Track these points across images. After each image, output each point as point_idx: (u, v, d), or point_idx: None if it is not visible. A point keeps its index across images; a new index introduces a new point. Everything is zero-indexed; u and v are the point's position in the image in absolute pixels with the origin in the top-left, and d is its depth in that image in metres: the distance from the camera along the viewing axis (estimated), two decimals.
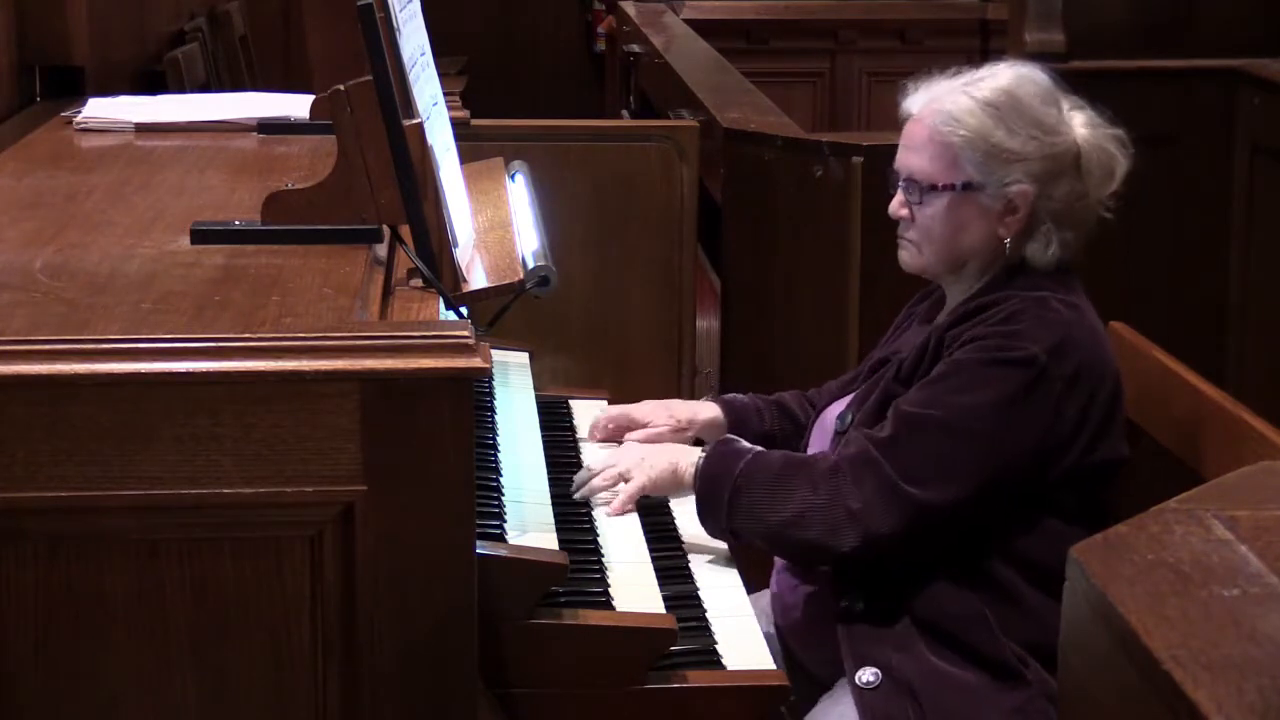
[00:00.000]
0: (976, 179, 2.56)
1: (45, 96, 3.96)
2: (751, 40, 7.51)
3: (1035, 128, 2.56)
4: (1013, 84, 2.59)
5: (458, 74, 8.45)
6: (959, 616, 2.50)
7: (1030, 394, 2.47)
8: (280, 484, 1.95)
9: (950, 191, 2.57)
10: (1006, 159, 2.54)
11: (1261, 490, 1.69)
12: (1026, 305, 2.53)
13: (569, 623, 2.28)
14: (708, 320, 4.28)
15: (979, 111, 2.56)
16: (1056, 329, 2.50)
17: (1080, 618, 1.48)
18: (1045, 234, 2.57)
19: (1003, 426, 2.47)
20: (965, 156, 2.56)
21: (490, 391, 2.97)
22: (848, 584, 2.57)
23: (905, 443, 2.49)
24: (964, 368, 2.50)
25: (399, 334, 1.98)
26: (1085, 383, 2.49)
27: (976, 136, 2.55)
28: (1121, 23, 5.35)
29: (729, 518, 2.57)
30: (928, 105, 2.61)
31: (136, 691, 1.99)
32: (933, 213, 2.59)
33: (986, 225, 2.58)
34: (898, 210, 2.64)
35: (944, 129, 2.57)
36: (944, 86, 2.62)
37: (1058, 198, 2.56)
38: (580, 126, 4.31)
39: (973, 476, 2.47)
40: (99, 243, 2.42)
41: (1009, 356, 2.48)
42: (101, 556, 1.96)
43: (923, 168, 2.59)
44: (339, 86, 2.35)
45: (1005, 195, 2.56)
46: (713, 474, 2.60)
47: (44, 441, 1.92)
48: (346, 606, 1.99)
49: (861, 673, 2.51)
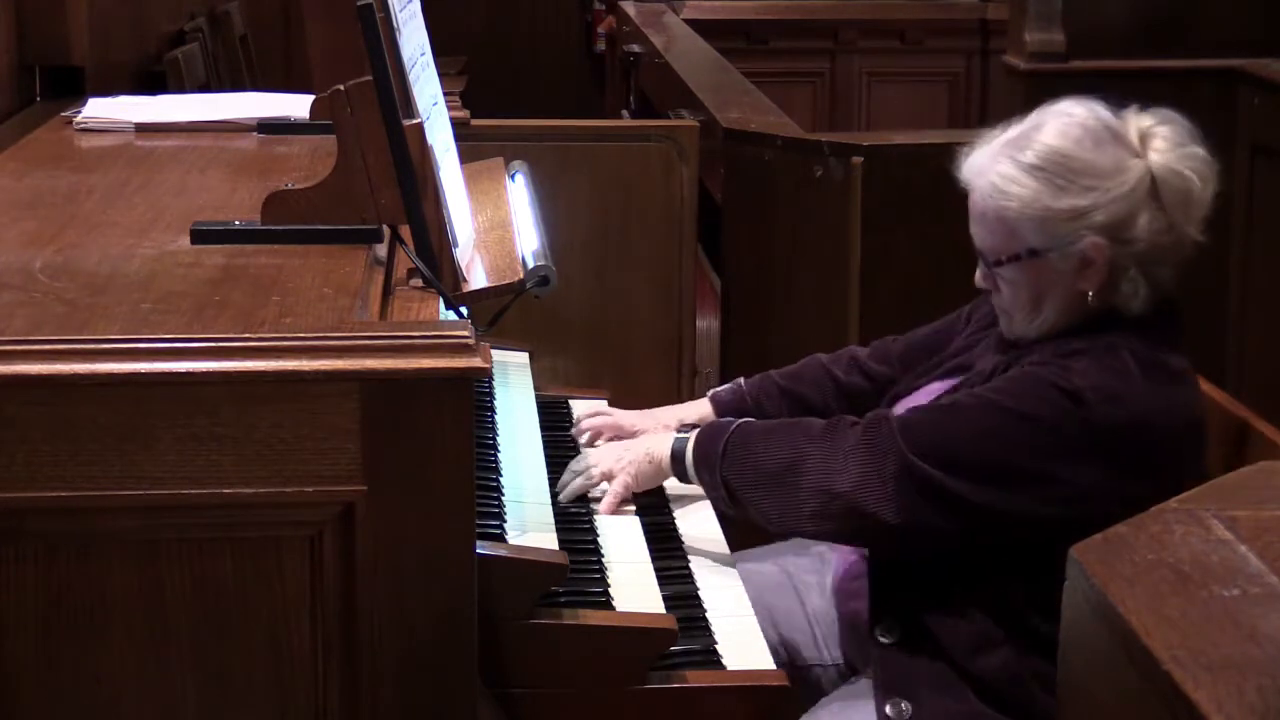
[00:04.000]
0: (1040, 245, 2.46)
1: (45, 96, 3.95)
2: (751, 40, 7.52)
3: (1091, 178, 2.44)
4: (1058, 137, 2.46)
5: (458, 74, 8.45)
6: (990, 666, 2.46)
7: (1061, 424, 2.38)
8: (280, 484, 1.95)
9: (1017, 262, 2.49)
10: (1066, 218, 2.44)
11: (1261, 490, 1.69)
12: (1095, 347, 2.44)
13: (569, 623, 2.28)
14: (708, 320, 4.28)
15: (1024, 179, 2.45)
16: (1115, 377, 2.41)
17: (1080, 618, 1.48)
18: (1132, 280, 2.47)
19: (1018, 438, 2.39)
20: (1022, 227, 2.46)
21: (490, 391, 2.97)
22: (884, 612, 2.53)
23: (920, 415, 2.48)
24: (1008, 378, 2.47)
25: (399, 334, 1.98)
26: (1135, 440, 2.38)
27: (1027, 206, 2.45)
28: (1121, 23, 5.35)
29: (723, 468, 2.55)
30: (977, 177, 2.51)
31: (136, 691, 1.99)
32: (1010, 280, 2.51)
33: (1066, 284, 2.48)
34: (980, 283, 2.58)
35: (997, 204, 2.47)
36: (988, 152, 2.51)
37: (1139, 238, 2.45)
38: (580, 126, 4.31)
39: (972, 469, 2.40)
40: (99, 243, 2.42)
41: (1055, 381, 2.41)
42: (101, 556, 1.96)
43: (986, 241, 2.51)
44: (339, 86, 2.35)
45: (1076, 253, 2.45)
46: (708, 433, 2.61)
47: (44, 441, 1.92)
48: (346, 606, 1.99)
49: (891, 705, 2.48)
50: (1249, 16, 5.34)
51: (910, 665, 2.50)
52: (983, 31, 7.56)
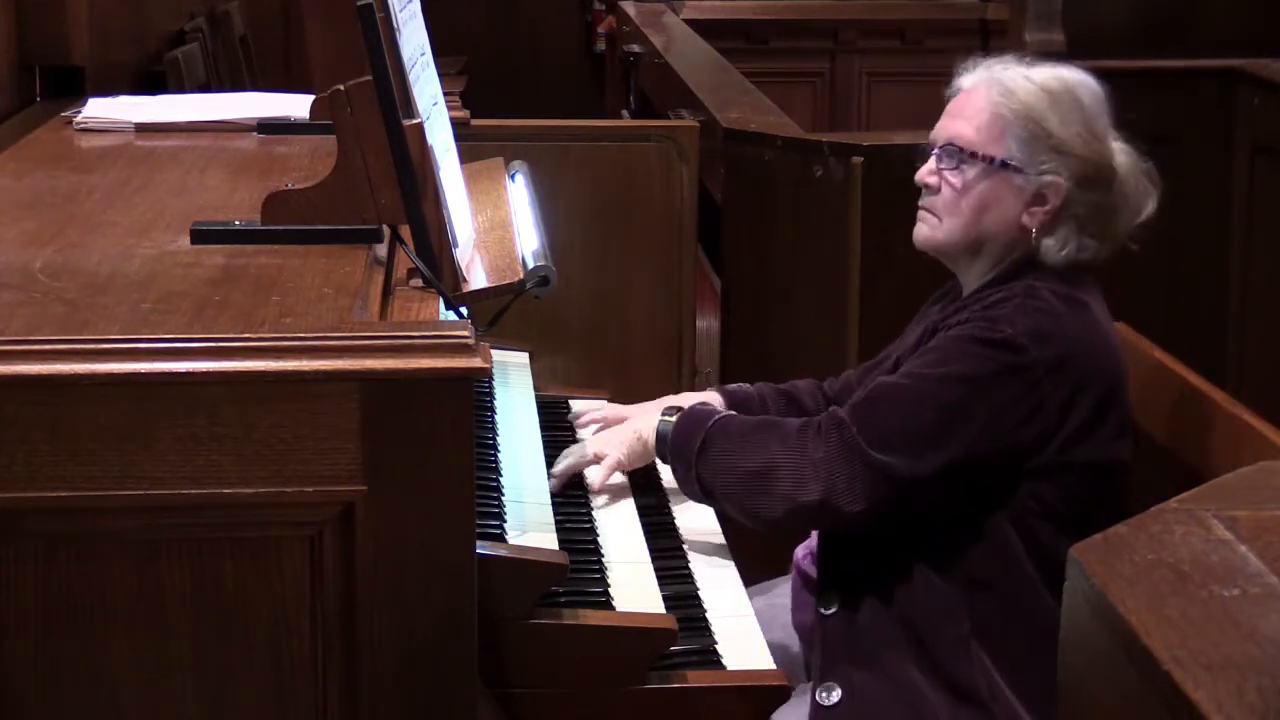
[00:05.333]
0: (1017, 158, 2.54)
1: (45, 96, 3.95)
2: (751, 40, 7.51)
3: (1084, 126, 2.55)
4: (1073, 79, 2.59)
5: (458, 74, 8.45)
6: (936, 635, 2.48)
7: (1006, 375, 2.45)
8: (280, 484, 1.95)
9: (988, 164, 2.55)
10: (1051, 145, 2.53)
11: (1261, 490, 1.69)
12: (1014, 293, 2.51)
13: (569, 623, 2.28)
14: (708, 320, 4.28)
15: (1036, 92, 2.55)
16: (1040, 316, 2.48)
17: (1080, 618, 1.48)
18: (1065, 235, 2.55)
19: (974, 402, 2.45)
20: (1012, 132, 2.54)
21: (490, 391, 2.97)
22: (830, 585, 2.56)
23: (874, 408, 2.49)
24: (942, 345, 2.50)
25: (399, 334, 1.98)
26: (1070, 372, 2.47)
27: (1028, 114, 2.54)
28: (1121, 23, 5.35)
29: (698, 466, 2.58)
30: (985, 77, 2.60)
31: (136, 691, 1.99)
32: (965, 182, 2.57)
33: (1013, 209, 2.56)
34: (926, 177, 2.61)
35: (998, 99, 2.56)
36: (1004, 64, 2.62)
37: (1087, 203, 2.54)
38: (580, 126, 4.31)
39: (938, 451, 2.44)
40: (99, 243, 2.42)
41: (988, 336, 2.47)
42: (101, 556, 1.96)
43: (966, 135, 2.57)
44: (339, 86, 2.35)
45: (1039, 183, 2.54)
46: (686, 427, 2.63)
47: (44, 441, 1.92)
48: (346, 606, 1.99)
49: (824, 689, 2.51)
50: (1249, 16, 5.34)
51: (850, 635, 2.52)
52: (983, 31, 7.55)
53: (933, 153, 2.61)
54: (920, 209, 2.63)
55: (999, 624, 2.48)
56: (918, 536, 2.51)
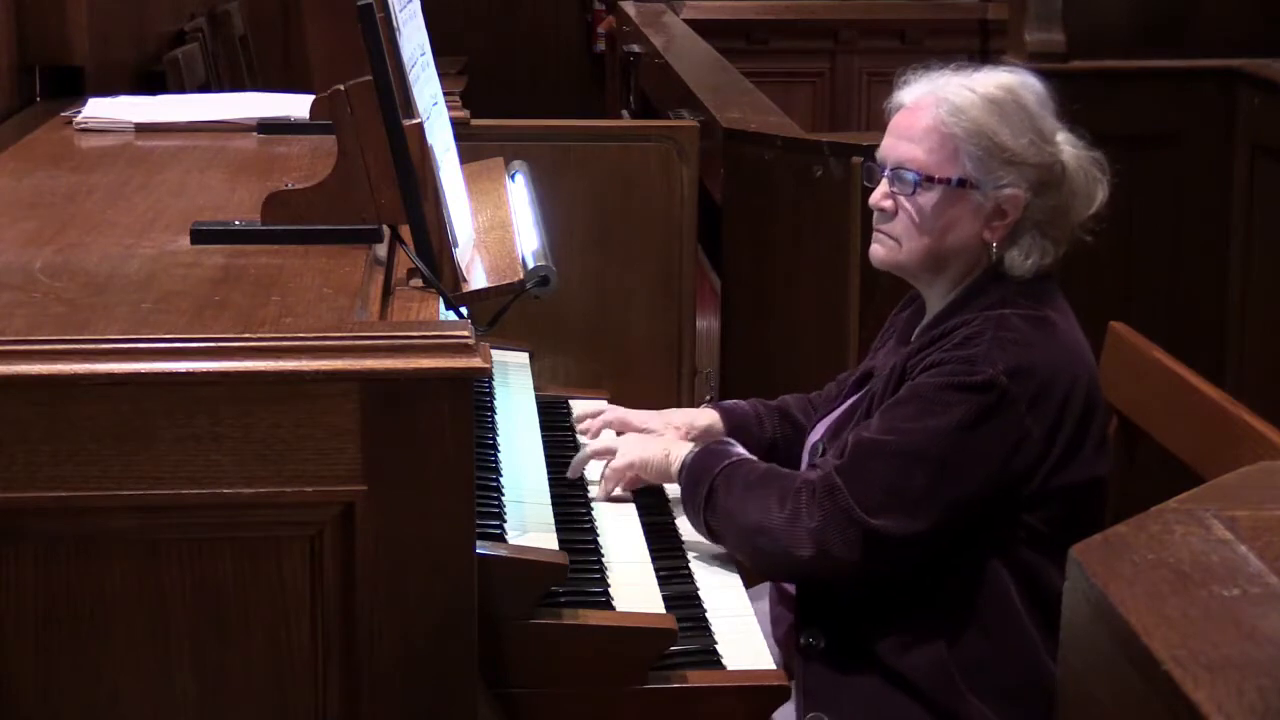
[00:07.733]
0: (973, 176, 2.50)
1: (45, 96, 3.95)
2: (751, 40, 7.51)
3: (1034, 132, 2.51)
4: (1015, 84, 2.54)
5: (458, 74, 8.45)
6: (920, 666, 2.46)
7: (991, 418, 2.41)
8: (280, 484, 1.95)
9: (945, 186, 2.51)
10: (1005, 159, 2.49)
11: (1261, 490, 1.69)
12: (985, 326, 2.46)
13: (569, 623, 2.28)
14: (708, 320, 4.28)
15: (983, 105, 2.50)
16: (1016, 349, 2.43)
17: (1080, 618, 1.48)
18: (1028, 244, 2.51)
19: (962, 452, 2.41)
20: (965, 151, 2.49)
21: (490, 391, 2.97)
22: (812, 619, 2.54)
23: (862, 470, 2.44)
24: (921, 393, 2.45)
25: (399, 334, 1.98)
26: (1050, 400, 2.43)
27: (979, 131, 2.49)
28: (1121, 23, 5.34)
29: (705, 513, 2.58)
30: (929, 94, 2.54)
31: (136, 691, 1.99)
32: (921, 207, 2.52)
33: (972, 226, 2.52)
34: (880, 201, 2.56)
35: (947, 118, 2.50)
36: (945, 78, 2.56)
37: (1045, 208, 2.51)
38: (580, 126, 4.31)
39: (933, 506, 2.42)
40: (99, 243, 2.42)
41: (967, 381, 2.42)
42: (101, 556, 1.96)
43: (918, 158, 2.52)
44: (339, 86, 2.35)
45: (998, 197, 2.50)
46: (696, 471, 2.61)
47: (44, 441, 1.92)
48: (346, 606, 1.99)
49: (812, 717, 2.50)
50: (1249, 16, 5.34)
51: (836, 671, 2.51)
52: (983, 31, 7.54)
53: (883, 174, 2.56)
54: (877, 230, 2.58)
55: (985, 658, 2.47)
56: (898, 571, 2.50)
